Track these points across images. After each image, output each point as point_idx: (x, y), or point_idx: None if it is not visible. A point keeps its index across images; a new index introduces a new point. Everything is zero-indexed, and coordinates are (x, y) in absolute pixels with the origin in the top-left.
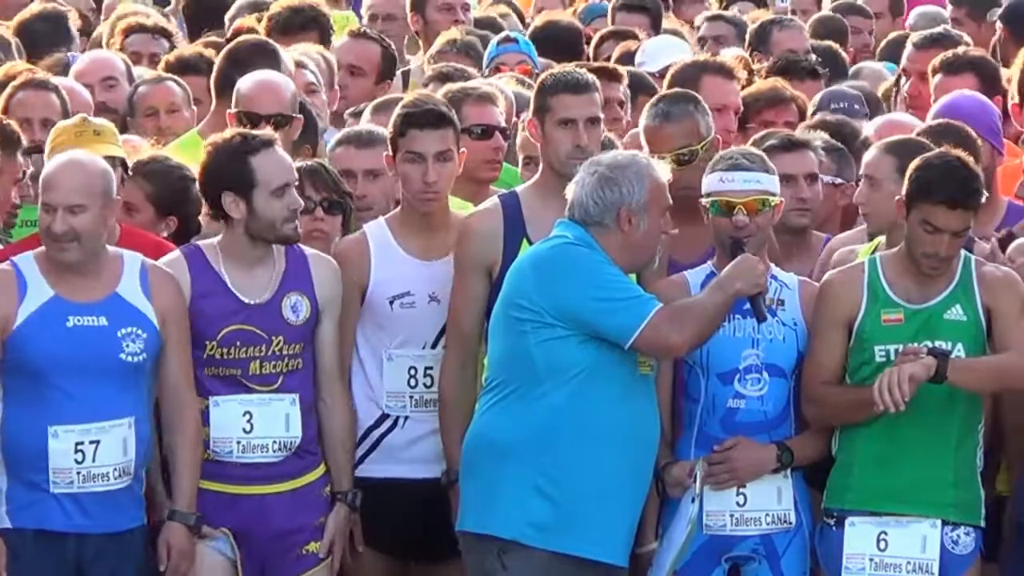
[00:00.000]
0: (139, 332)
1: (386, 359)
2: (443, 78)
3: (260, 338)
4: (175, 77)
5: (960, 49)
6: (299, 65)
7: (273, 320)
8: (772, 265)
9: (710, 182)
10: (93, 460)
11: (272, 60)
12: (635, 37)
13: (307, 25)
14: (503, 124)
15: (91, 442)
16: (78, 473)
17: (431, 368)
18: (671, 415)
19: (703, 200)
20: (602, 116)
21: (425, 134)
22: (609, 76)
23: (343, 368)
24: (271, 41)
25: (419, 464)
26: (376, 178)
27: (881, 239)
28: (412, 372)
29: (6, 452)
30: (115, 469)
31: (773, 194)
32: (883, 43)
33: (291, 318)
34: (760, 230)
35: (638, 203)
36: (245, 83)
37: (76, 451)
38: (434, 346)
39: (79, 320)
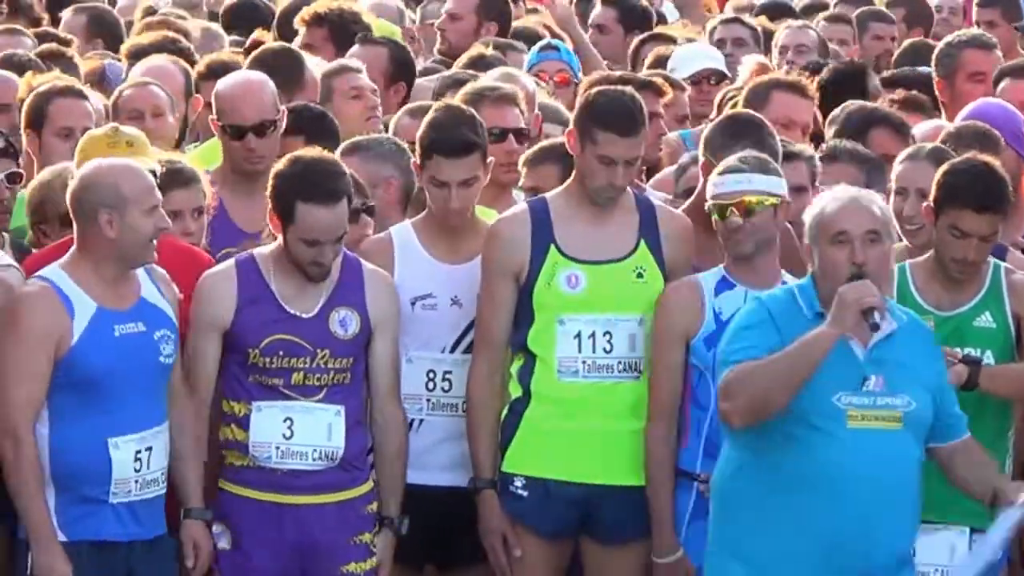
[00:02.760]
0: (169, 334)
1: (405, 361)
2: (457, 84)
3: (304, 350)
4: (158, 82)
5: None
6: (360, 71)
7: (320, 333)
8: (783, 272)
9: (708, 188)
10: (148, 467)
11: (296, 69)
12: (673, 41)
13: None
14: (521, 126)
15: (146, 449)
16: (136, 482)
17: (449, 372)
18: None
19: (706, 204)
20: (641, 154)
21: (450, 162)
22: (655, 92)
23: (397, 388)
24: (295, 49)
25: (435, 470)
26: (375, 188)
27: (902, 246)
28: (431, 375)
29: (58, 469)
30: (162, 474)
31: (770, 194)
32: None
33: (339, 332)
34: (758, 230)
35: None
36: (222, 89)
37: (135, 460)
38: (453, 350)
39: (123, 328)
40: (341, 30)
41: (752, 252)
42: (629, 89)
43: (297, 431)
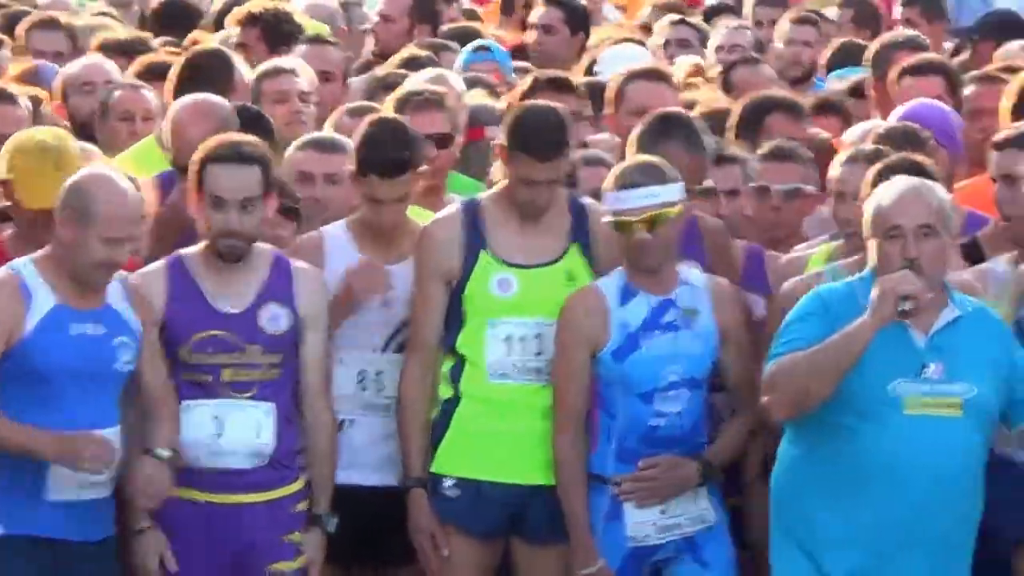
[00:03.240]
0: (129, 342)
1: (337, 361)
2: (387, 87)
3: (234, 346)
4: (150, 87)
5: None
6: (292, 72)
7: (249, 329)
8: (683, 268)
9: (607, 199)
10: (106, 468)
11: (225, 71)
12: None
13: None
14: (445, 131)
15: None
16: (78, 483)
17: (381, 372)
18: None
19: (605, 219)
20: (564, 173)
21: (384, 182)
22: (559, 88)
23: (327, 385)
24: (225, 50)
25: (366, 470)
26: (335, 183)
27: (833, 244)
28: (362, 375)
29: (3, 458)
30: (110, 478)
31: (672, 203)
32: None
33: (268, 328)
34: (665, 242)
35: None
36: (174, 112)
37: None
38: (384, 350)
39: (80, 328)
40: (274, 30)
41: (660, 264)
42: (554, 106)
43: (227, 429)
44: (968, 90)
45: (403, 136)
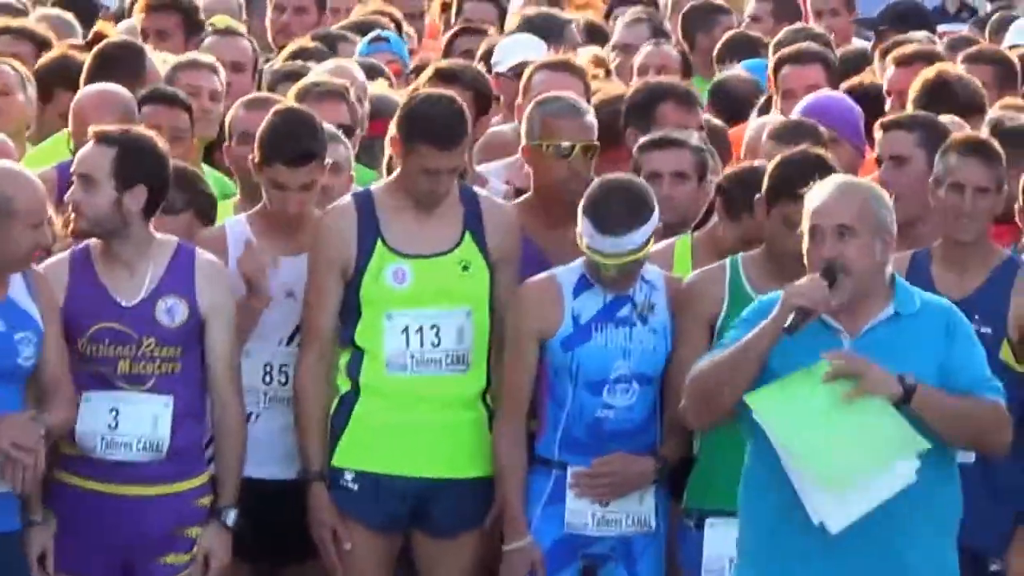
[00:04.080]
0: (31, 337)
1: (243, 354)
2: (290, 77)
3: (129, 337)
4: (9, 60)
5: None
6: (212, 69)
7: (144, 321)
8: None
9: (584, 227)
10: None
11: (137, 62)
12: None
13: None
14: (346, 121)
15: None
16: None
17: (285, 365)
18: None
19: (579, 241)
20: (463, 162)
21: (288, 170)
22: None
23: (235, 375)
24: (136, 42)
25: (271, 464)
26: (339, 172)
27: (687, 238)
28: (267, 368)
29: None
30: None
31: (643, 247)
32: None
33: (165, 321)
34: (634, 276)
35: None
36: (78, 105)
37: None
38: (289, 343)
39: None
40: (191, 19)
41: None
42: (449, 94)
43: (122, 421)
44: (889, 72)
45: (308, 125)
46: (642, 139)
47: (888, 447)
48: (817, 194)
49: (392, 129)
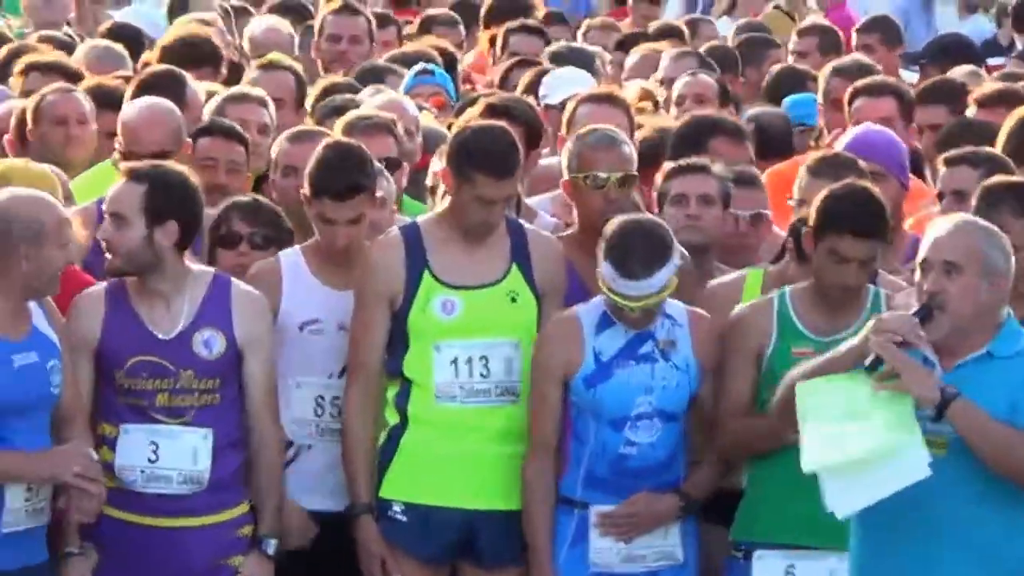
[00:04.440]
0: (58, 364)
1: (294, 386)
2: (337, 111)
3: (167, 371)
4: (82, 91)
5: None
6: (261, 103)
7: (182, 354)
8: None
9: (605, 270)
10: (38, 496)
11: (178, 89)
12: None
13: (202, 60)
14: (391, 155)
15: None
16: (26, 512)
17: (337, 398)
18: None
19: (600, 284)
20: (517, 190)
21: (335, 204)
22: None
23: (273, 406)
24: (178, 69)
25: (326, 496)
26: (383, 206)
27: (763, 269)
28: (319, 400)
29: None
30: (47, 503)
31: (665, 287)
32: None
33: (203, 353)
34: (651, 314)
35: None
36: (124, 117)
37: (28, 489)
38: (341, 375)
39: (21, 359)
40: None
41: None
42: (501, 125)
43: (162, 455)
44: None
45: (356, 158)
46: (667, 166)
47: (883, 433)
48: (936, 228)
49: (441, 161)
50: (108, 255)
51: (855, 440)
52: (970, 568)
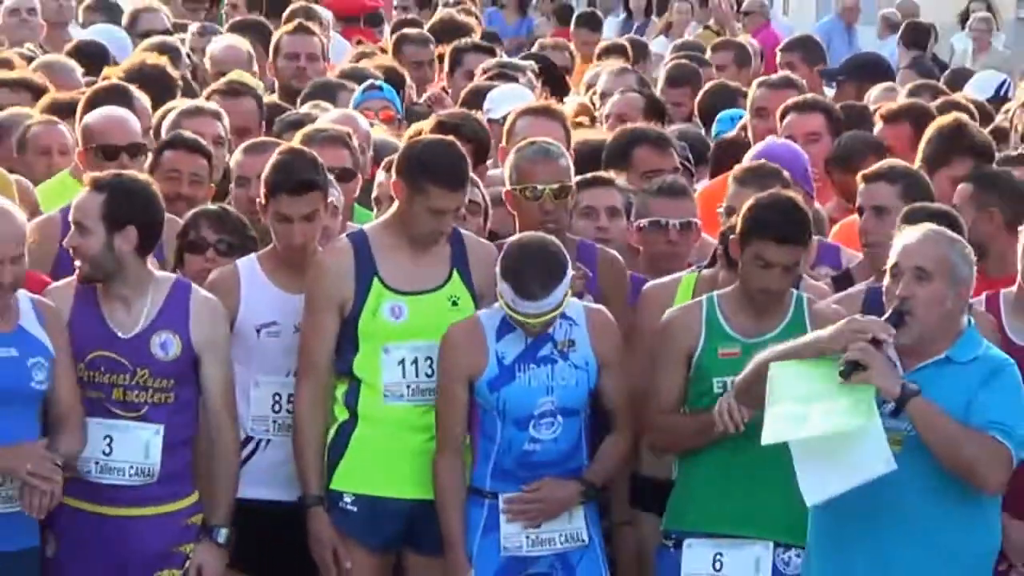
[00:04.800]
0: (43, 362)
1: (253, 385)
2: (294, 126)
3: (124, 367)
4: (63, 123)
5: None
6: (215, 116)
7: (139, 353)
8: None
9: (504, 290)
10: (12, 482)
11: (125, 100)
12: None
13: (155, 87)
14: (347, 166)
15: None
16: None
17: (293, 395)
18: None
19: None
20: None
21: (292, 199)
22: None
23: (230, 404)
24: (125, 84)
25: (280, 487)
26: (335, 214)
27: (696, 274)
28: (276, 398)
29: None
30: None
31: (558, 306)
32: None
33: (159, 354)
34: (548, 327)
35: None
36: (92, 118)
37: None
38: (296, 374)
39: None
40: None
41: None
42: (450, 139)
43: (116, 448)
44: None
45: (309, 159)
46: (576, 178)
47: (843, 417)
48: (906, 236)
49: (388, 173)
50: (77, 263)
51: (816, 420)
52: (925, 562)
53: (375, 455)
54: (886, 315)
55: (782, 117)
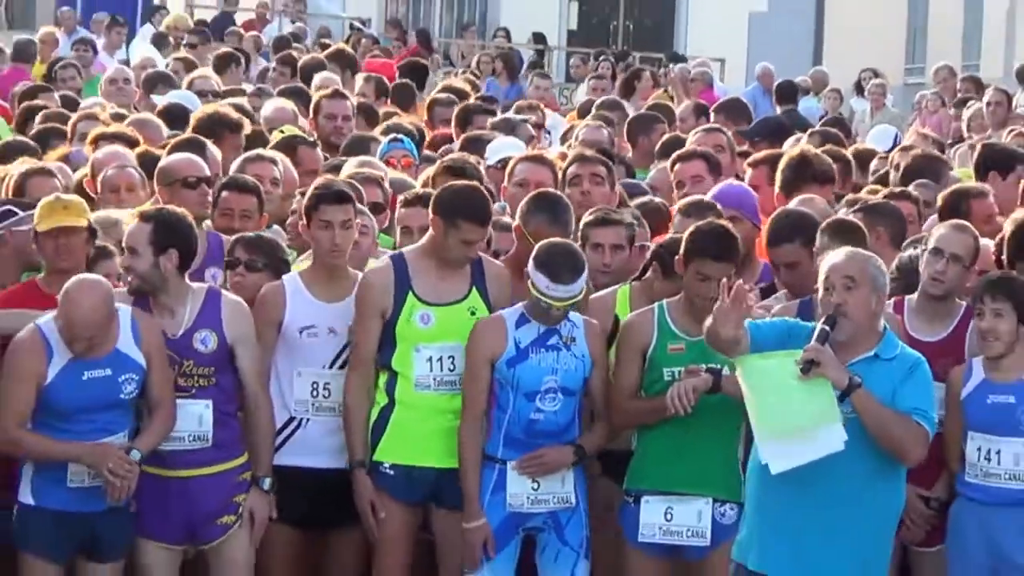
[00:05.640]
0: (133, 376)
1: (296, 375)
2: (334, 170)
3: (174, 360)
4: (132, 163)
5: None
6: (272, 161)
7: (185, 348)
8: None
9: (539, 279)
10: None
11: (199, 149)
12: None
13: (221, 128)
14: (379, 201)
15: None
16: (88, 474)
17: (328, 383)
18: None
19: (532, 291)
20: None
21: (332, 208)
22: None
23: (263, 384)
24: (200, 137)
25: (320, 456)
26: (367, 236)
27: (627, 287)
28: (314, 386)
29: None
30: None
31: (581, 291)
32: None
33: (200, 348)
34: (566, 314)
35: None
36: (174, 159)
37: None
38: (331, 367)
39: (91, 374)
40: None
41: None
42: (475, 184)
43: (176, 421)
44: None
45: (344, 183)
46: (587, 217)
47: (815, 414)
48: (833, 256)
49: (407, 207)
50: (129, 279)
51: (798, 414)
52: (852, 516)
53: (409, 432)
54: (824, 319)
55: (672, 166)
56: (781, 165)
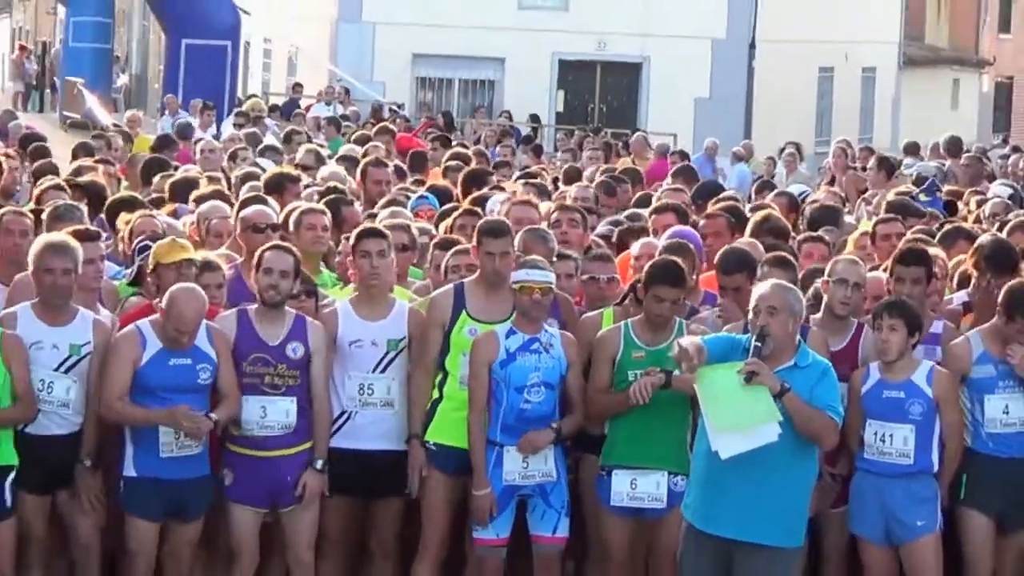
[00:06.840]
0: (207, 367)
1: (347, 378)
2: (371, 218)
3: (271, 363)
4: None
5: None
6: (323, 212)
7: (279, 354)
8: (548, 322)
9: (518, 275)
10: (184, 437)
11: (263, 204)
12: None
13: (282, 185)
14: (406, 243)
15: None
16: (176, 444)
17: (372, 384)
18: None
19: (512, 284)
20: (506, 250)
21: (369, 240)
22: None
23: (324, 387)
24: (264, 195)
25: (365, 441)
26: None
27: (611, 310)
28: (361, 387)
29: (134, 433)
30: (198, 442)
31: (550, 282)
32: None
33: (291, 355)
34: (546, 301)
35: None
36: (248, 211)
37: (176, 433)
38: (374, 371)
39: (176, 361)
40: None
41: (542, 316)
42: (500, 219)
43: (268, 413)
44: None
45: (379, 226)
46: (591, 254)
47: (759, 414)
48: (761, 288)
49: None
50: (270, 293)
51: (745, 414)
52: (778, 484)
53: (452, 420)
54: (756, 336)
55: (649, 216)
56: (750, 224)
